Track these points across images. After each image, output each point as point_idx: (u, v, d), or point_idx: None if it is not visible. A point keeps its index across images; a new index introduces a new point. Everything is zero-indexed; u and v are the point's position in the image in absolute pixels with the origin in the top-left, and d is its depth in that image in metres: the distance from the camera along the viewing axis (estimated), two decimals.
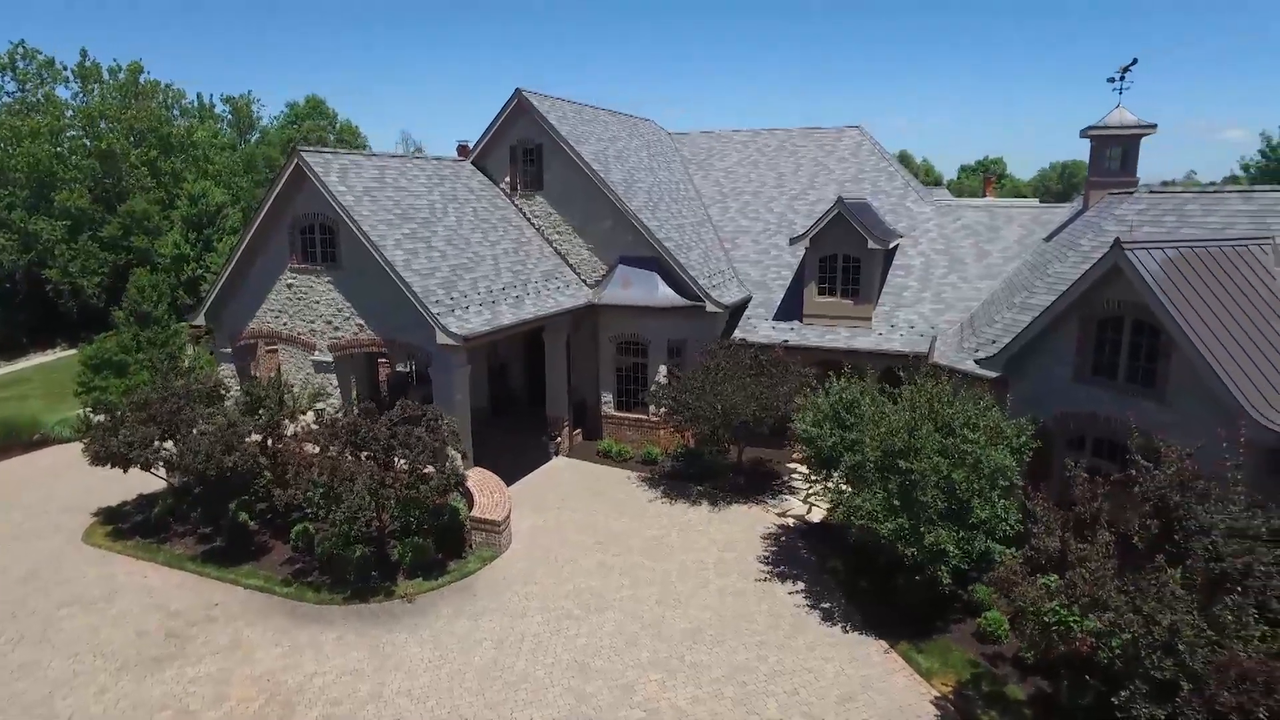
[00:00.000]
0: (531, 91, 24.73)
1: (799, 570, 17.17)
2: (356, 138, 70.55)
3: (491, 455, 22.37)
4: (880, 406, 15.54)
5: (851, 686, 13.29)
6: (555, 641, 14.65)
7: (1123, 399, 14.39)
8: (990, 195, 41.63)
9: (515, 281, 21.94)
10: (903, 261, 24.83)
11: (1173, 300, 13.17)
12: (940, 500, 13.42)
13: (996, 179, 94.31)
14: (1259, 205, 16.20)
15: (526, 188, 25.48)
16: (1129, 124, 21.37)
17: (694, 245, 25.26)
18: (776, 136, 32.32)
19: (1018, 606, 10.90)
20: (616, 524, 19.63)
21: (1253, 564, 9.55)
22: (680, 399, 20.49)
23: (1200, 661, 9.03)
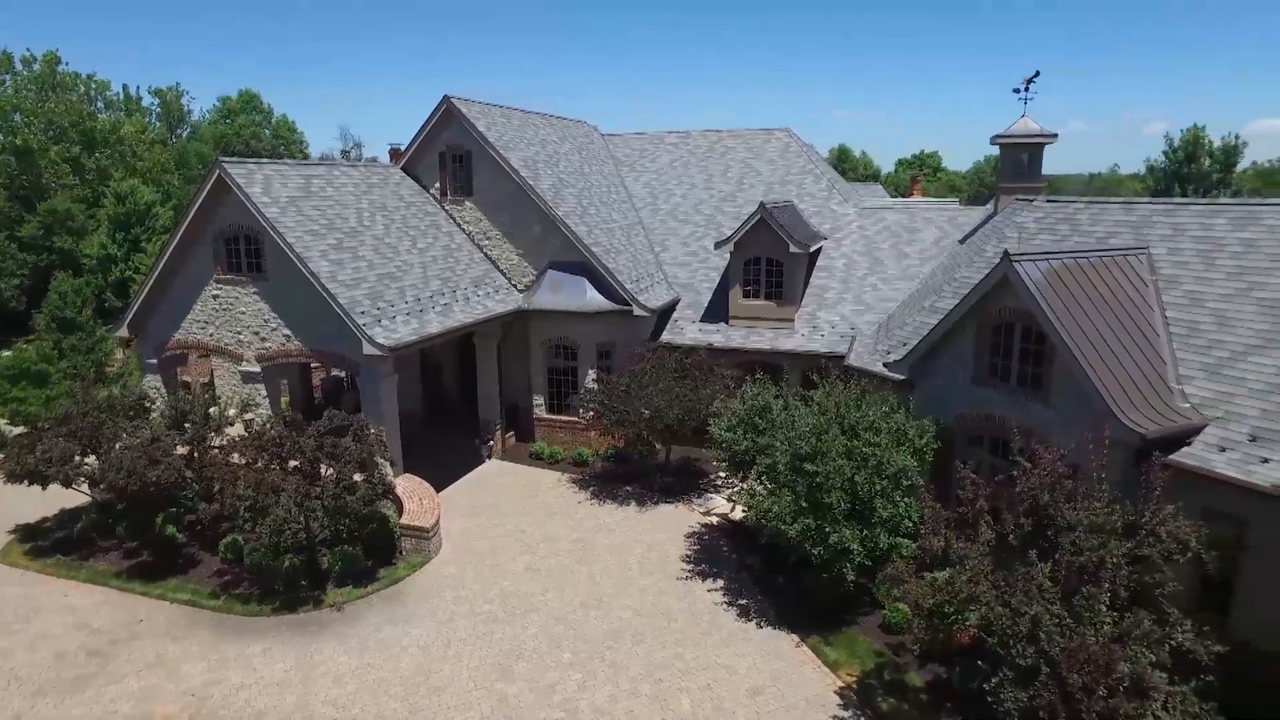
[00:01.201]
0: (460, 98, 24.91)
1: (719, 568, 17.87)
2: (293, 134, 69.44)
3: (424, 460, 22.70)
4: (792, 411, 16.27)
5: (762, 680, 14.01)
6: (480, 645, 15.10)
7: (1014, 401, 15.32)
8: (917, 195, 42.85)
9: (444, 289, 22.18)
10: (826, 263, 25.67)
11: (1053, 309, 14.07)
12: (844, 501, 14.18)
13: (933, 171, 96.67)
14: (1138, 216, 17.27)
15: (456, 194, 25.69)
16: (1033, 132, 22.45)
17: (623, 249, 25.75)
18: (707, 138, 32.94)
19: (908, 602, 11.67)
20: (545, 526, 20.10)
21: (1105, 558, 10.44)
22: (607, 403, 21.01)
23: (1057, 648, 9.88)
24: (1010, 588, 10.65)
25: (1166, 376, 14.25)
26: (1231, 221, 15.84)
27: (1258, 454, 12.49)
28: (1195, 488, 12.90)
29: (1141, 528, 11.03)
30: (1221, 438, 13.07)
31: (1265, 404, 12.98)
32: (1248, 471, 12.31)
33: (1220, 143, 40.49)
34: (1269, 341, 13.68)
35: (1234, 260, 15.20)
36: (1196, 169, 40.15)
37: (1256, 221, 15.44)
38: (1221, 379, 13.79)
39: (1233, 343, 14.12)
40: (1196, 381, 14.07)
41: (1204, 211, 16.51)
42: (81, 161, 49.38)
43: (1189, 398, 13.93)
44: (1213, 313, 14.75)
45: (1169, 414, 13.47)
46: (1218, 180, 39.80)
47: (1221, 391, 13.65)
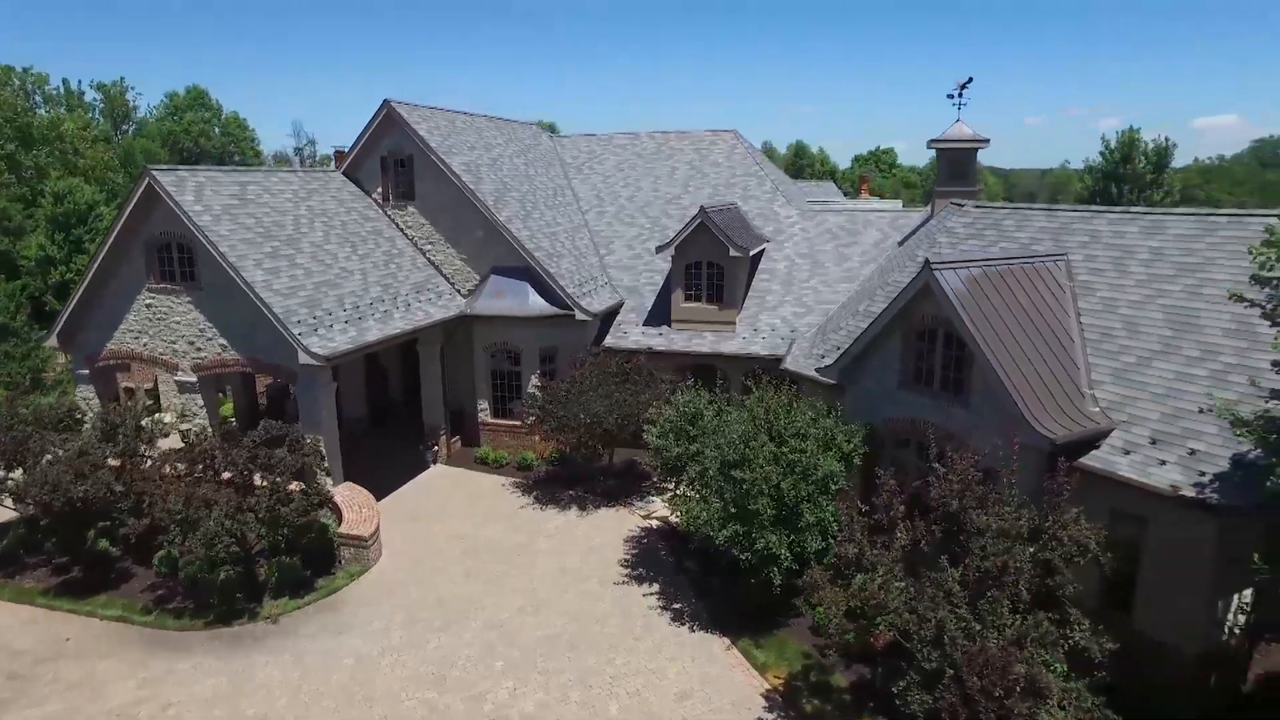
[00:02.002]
0: (401, 102, 24.81)
1: (656, 572, 18.12)
2: (244, 131, 68.34)
3: (368, 466, 22.71)
4: (724, 417, 16.54)
5: (691, 684, 14.28)
6: (415, 654, 15.18)
7: (937, 405, 15.74)
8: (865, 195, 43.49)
9: (384, 295, 22.13)
10: (768, 265, 26.01)
11: (971, 316, 14.49)
12: (770, 508, 14.48)
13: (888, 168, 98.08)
14: (1059, 223, 17.80)
15: (399, 198, 25.59)
16: (967, 137, 22.99)
17: (566, 253, 25.86)
18: (655, 139, 33.14)
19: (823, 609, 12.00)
20: (487, 532, 20.21)
21: (1008, 563, 10.85)
22: (547, 408, 21.14)
23: (959, 652, 10.25)
24: (918, 594, 11.02)
25: (1079, 381, 14.76)
26: (1142, 230, 16.41)
27: (1157, 456, 13.02)
28: (1103, 489, 13.44)
29: (1044, 532, 11.46)
30: (1126, 441, 13.60)
31: (1164, 408, 13.53)
32: (1147, 474, 12.84)
33: (1152, 144, 41.65)
34: (1169, 347, 14.25)
35: (1143, 267, 15.76)
36: (1131, 169, 41.32)
37: (1163, 230, 16.03)
38: (1128, 383, 14.33)
39: (1139, 348, 14.68)
40: (1106, 386, 14.60)
41: (1118, 219, 17.09)
42: (18, 159, 48.15)
43: (1099, 402, 14.45)
44: (1123, 318, 15.30)
45: (1079, 419, 13.96)
46: (1151, 180, 41.02)
47: (1128, 396, 14.19)
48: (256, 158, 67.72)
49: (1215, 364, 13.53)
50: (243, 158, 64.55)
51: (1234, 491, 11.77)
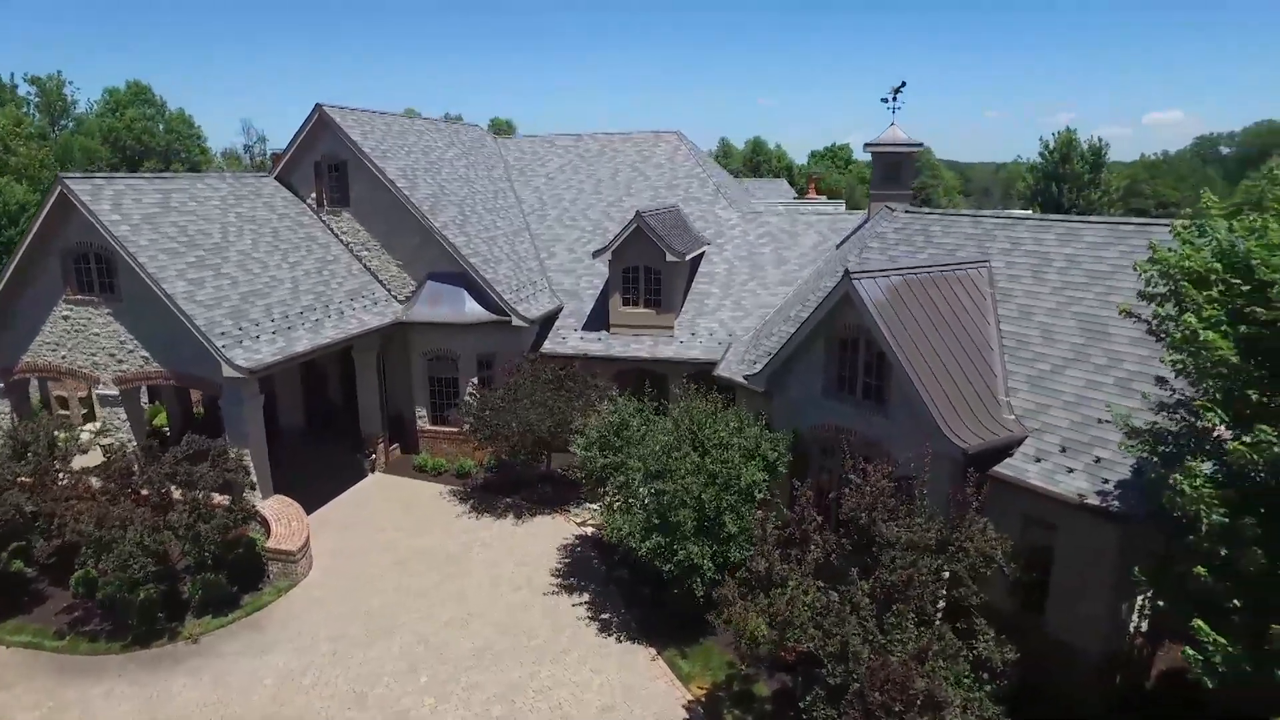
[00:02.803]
0: (334, 106, 24.42)
1: (587, 581, 18.09)
2: (190, 129, 66.73)
3: (305, 475, 22.48)
4: (651, 426, 16.54)
5: (614, 697, 14.29)
6: (338, 671, 15.01)
7: (860, 413, 15.89)
8: (814, 194, 43.76)
9: (316, 304, 21.79)
10: (707, 269, 26.05)
11: (889, 325, 14.63)
12: (691, 519, 14.52)
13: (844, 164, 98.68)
14: (982, 230, 18.06)
15: (333, 204, 25.20)
16: (901, 141, 23.15)
17: (504, 258, 25.68)
18: (598, 141, 33.00)
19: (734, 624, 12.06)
20: (421, 541, 20.03)
21: (913, 576, 10.99)
22: (480, 416, 21.00)
23: (862, 667, 10.37)
24: (825, 609, 11.12)
25: (996, 389, 14.99)
26: (1059, 237, 16.70)
27: (1065, 464, 13.27)
28: (1016, 496, 13.69)
29: (951, 544, 11.62)
30: (1038, 449, 13.85)
31: (1074, 415, 13.80)
32: (1055, 482, 13.08)
33: (1089, 144, 42.48)
34: (1080, 355, 14.53)
35: (1059, 275, 16.04)
36: (1069, 169, 42.12)
37: (1078, 238, 16.32)
38: (1042, 391, 14.59)
39: (1053, 355, 14.94)
40: (1022, 394, 14.84)
41: (1037, 226, 17.38)
42: None
43: (1015, 409, 14.69)
44: (1039, 326, 15.57)
45: (994, 427, 14.18)
46: (1089, 180, 41.85)
47: (1041, 403, 14.44)
48: (204, 155, 66.20)
49: (1120, 371, 13.83)
50: (189, 156, 63.07)
51: (1134, 499, 12.05)
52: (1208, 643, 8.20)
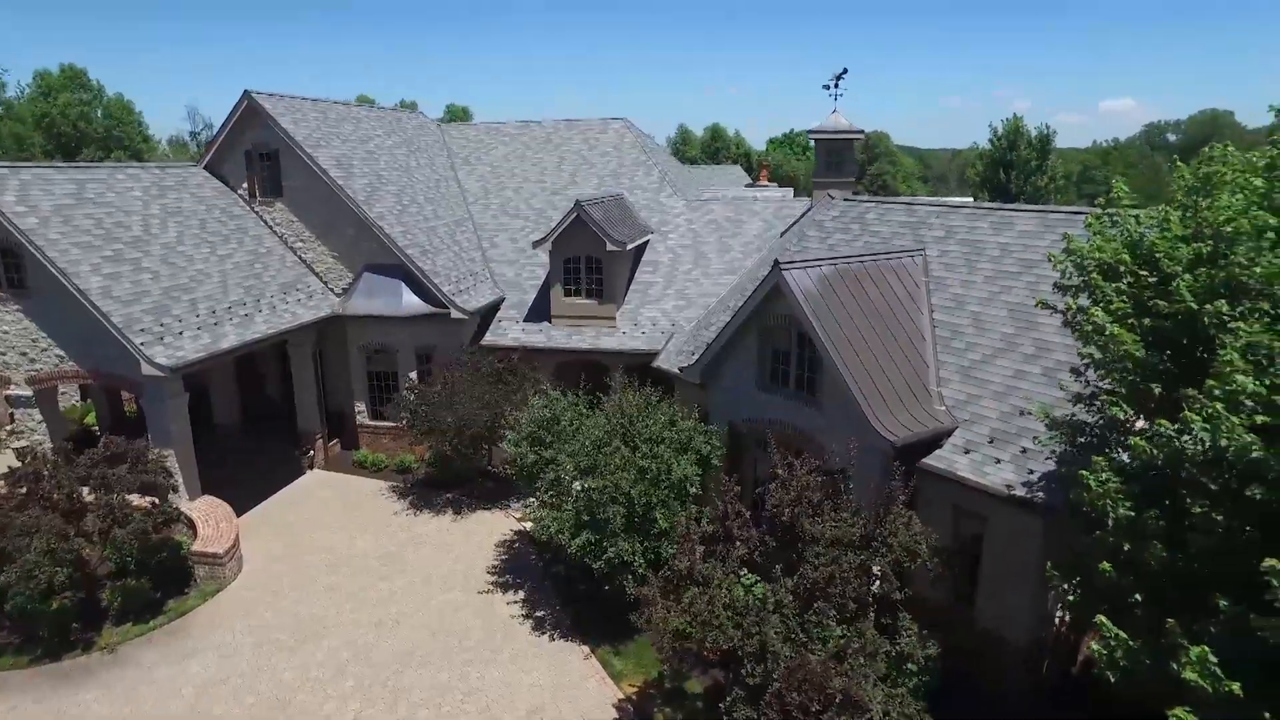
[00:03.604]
0: (264, 93, 23.65)
1: (524, 578, 17.79)
2: (130, 114, 64.62)
3: (239, 474, 21.99)
4: (583, 421, 16.23)
5: (543, 698, 14.03)
6: (262, 678, 14.56)
7: (793, 406, 15.73)
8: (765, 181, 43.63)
9: (247, 298, 21.11)
10: (651, 258, 25.74)
11: (819, 316, 14.46)
12: (621, 515, 14.26)
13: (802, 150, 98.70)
14: (917, 218, 17.97)
15: (266, 195, 24.44)
16: (843, 128, 22.94)
17: (444, 249, 25.15)
18: (544, 128, 32.48)
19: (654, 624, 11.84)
20: (356, 541, 19.57)
21: (834, 573, 10.83)
22: (417, 411, 20.55)
23: (781, 667, 10.20)
24: (745, 608, 10.93)
25: (927, 380, 14.90)
26: (993, 225, 16.64)
27: (993, 455, 13.22)
28: (947, 488, 13.62)
29: (875, 539, 11.49)
30: (967, 440, 13.78)
31: (1003, 406, 13.74)
32: (983, 473, 13.02)
33: (1036, 132, 42.84)
34: (1010, 344, 14.48)
35: (992, 264, 15.99)
36: (1017, 156, 42.45)
37: (1011, 227, 16.28)
38: (972, 381, 14.53)
39: (984, 345, 14.88)
40: (953, 384, 14.78)
41: (973, 214, 17.32)
42: None
43: (946, 400, 14.62)
44: (971, 315, 15.50)
45: (924, 419, 14.09)
46: (1036, 167, 42.23)
47: (972, 394, 14.38)
48: (147, 143, 64.23)
49: (1049, 361, 13.79)
50: (131, 144, 61.11)
51: (1057, 491, 12.00)
52: (1111, 638, 8.13)
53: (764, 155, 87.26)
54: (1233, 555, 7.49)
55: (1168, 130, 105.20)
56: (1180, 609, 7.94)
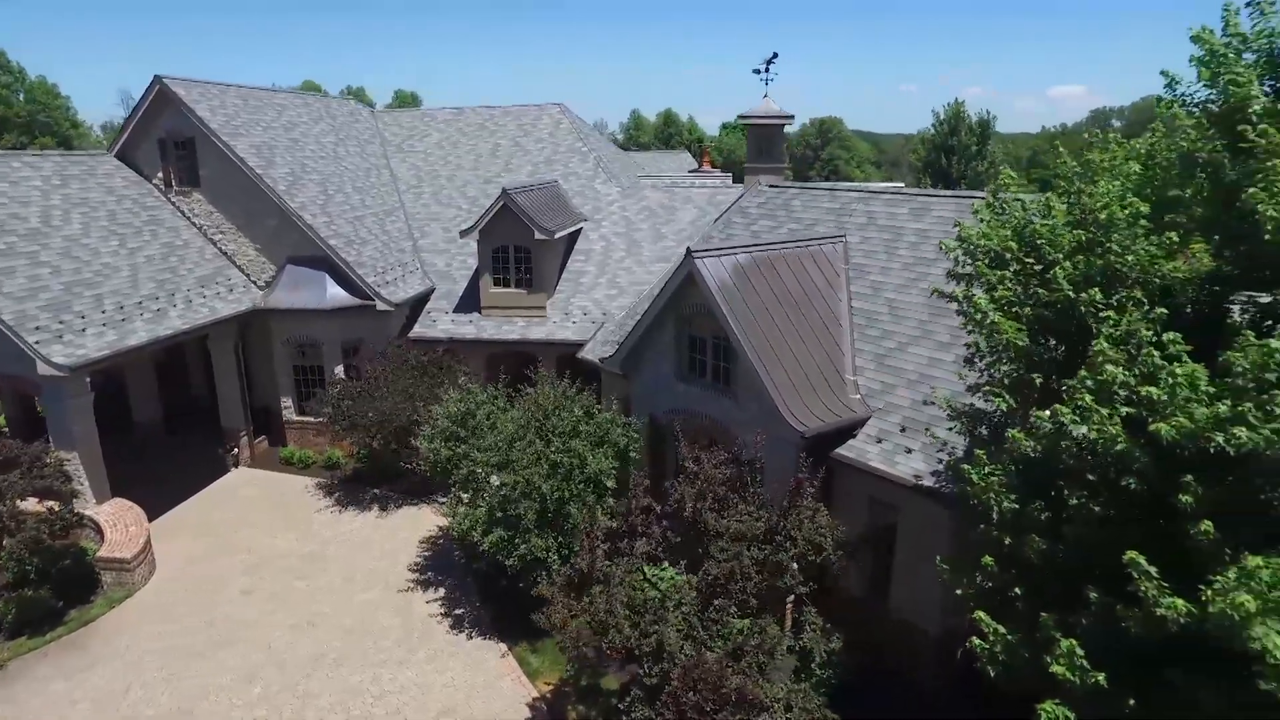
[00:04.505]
0: (177, 78, 22.78)
1: (445, 575, 17.46)
2: (56, 99, 62.34)
3: (159, 474, 21.51)
4: (500, 415, 15.90)
5: (456, 698, 13.74)
6: (166, 688, 14.07)
7: (710, 397, 15.52)
8: (707, 167, 43.38)
9: (160, 292, 20.36)
10: (584, 246, 25.40)
11: (731, 306, 14.23)
12: (533, 511, 13.98)
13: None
14: (840, 204, 17.83)
15: (183, 184, 23.60)
16: (774, 113, 22.72)
17: (372, 239, 24.54)
18: (479, 114, 31.88)
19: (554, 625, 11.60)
20: (279, 541, 19.06)
21: (735, 569, 10.66)
22: (339, 406, 20.04)
23: (678, 667, 10.01)
24: (643, 606, 10.73)
25: (843, 368, 14.78)
26: (912, 212, 16.55)
27: (905, 444, 13.14)
28: (862, 478, 13.53)
29: (779, 532, 11.34)
30: (880, 429, 13.69)
31: (915, 394, 13.66)
32: (894, 463, 12.94)
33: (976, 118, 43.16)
34: (925, 332, 14.40)
35: (910, 250, 15.89)
36: (958, 141, 42.72)
37: (929, 212, 16.19)
38: (887, 369, 14.44)
39: (900, 333, 14.79)
40: (868, 373, 14.67)
41: (892, 200, 17.21)
42: None
43: (861, 389, 14.51)
44: (888, 303, 15.40)
45: (837, 408, 13.96)
46: (976, 152, 42.54)
47: (886, 382, 14.29)
48: (76, 129, 62.04)
49: (961, 349, 13.62)
50: (58, 130, 58.98)
51: None
52: (990, 632, 8.05)
53: (715, 141, 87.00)
54: (1106, 547, 7.42)
55: (1113, 116, 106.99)
56: (1059, 603, 7.87)
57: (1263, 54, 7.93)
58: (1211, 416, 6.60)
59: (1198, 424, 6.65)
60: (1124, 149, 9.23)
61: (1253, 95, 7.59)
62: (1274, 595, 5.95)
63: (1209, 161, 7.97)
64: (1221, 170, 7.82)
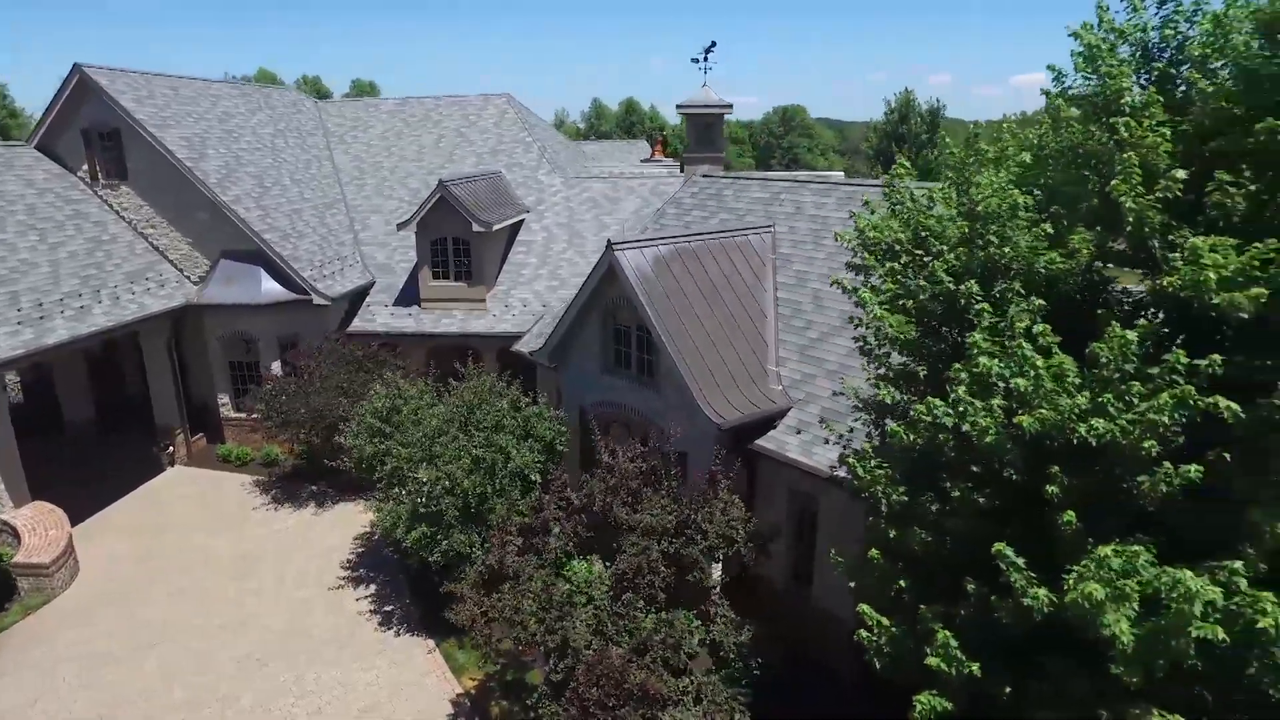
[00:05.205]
0: (100, 67, 22.19)
1: (378, 572, 17.30)
2: None
3: (91, 474, 21.11)
4: (426, 410, 15.74)
5: (379, 696, 13.63)
6: (81, 695, 13.77)
7: (634, 389, 15.49)
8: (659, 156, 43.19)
9: (83, 289, 19.86)
10: (526, 237, 25.21)
11: (651, 297, 14.19)
12: (455, 506, 13.87)
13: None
14: (770, 194, 17.83)
15: (110, 177, 23.01)
16: (713, 102, 22.66)
17: (309, 232, 24.15)
18: (424, 105, 31.48)
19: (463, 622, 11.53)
20: (211, 540, 18.76)
21: (642, 564, 10.64)
22: (271, 403, 19.75)
23: (582, 663, 9.99)
24: (549, 602, 10.68)
25: (766, 360, 14.81)
26: (838, 201, 16.59)
27: (823, 435, 13.15)
28: (783, 470, 13.57)
29: (689, 525, 11.32)
30: (800, 420, 13.74)
31: (835, 385, 13.67)
32: (811, 454, 12.99)
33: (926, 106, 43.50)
34: (846, 322, 14.38)
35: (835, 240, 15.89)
36: (909, 129, 43.01)
37: (855, 201, 16.17)
38: (809, 360, 14.49)
39: (822, 323, 14.84)
40: (791, 363, 14.71)
41: (820, 190, 17.24)
42: None
43: (783, 380, 14.55)
44: (813, 293, 15.44)
45: (757, 399, 14.00)
46: (926, 139, 42.83)
47: (807, 373, 14.34)
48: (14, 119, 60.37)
49: None
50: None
51: None
52: (873, 625, 8.11)
53: (678, 129, 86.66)
54: (987, 539, 7.48)
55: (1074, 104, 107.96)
56: (944, 595, 7.94)
57: (1137, 47, 7.99)
58: (1073, 408, 6.66)
59: (1061, 415, 6.71)
60: (1017, 140, 9.26)
61: (1124, 88, 7.64)
62: (1122, 583, 6.03)
63: (1090, 154, 8.03)
64: (1101, 162, 7.88)
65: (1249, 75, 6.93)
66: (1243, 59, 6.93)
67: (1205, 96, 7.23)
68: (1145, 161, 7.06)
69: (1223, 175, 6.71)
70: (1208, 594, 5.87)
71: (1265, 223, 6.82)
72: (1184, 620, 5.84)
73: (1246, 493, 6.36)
